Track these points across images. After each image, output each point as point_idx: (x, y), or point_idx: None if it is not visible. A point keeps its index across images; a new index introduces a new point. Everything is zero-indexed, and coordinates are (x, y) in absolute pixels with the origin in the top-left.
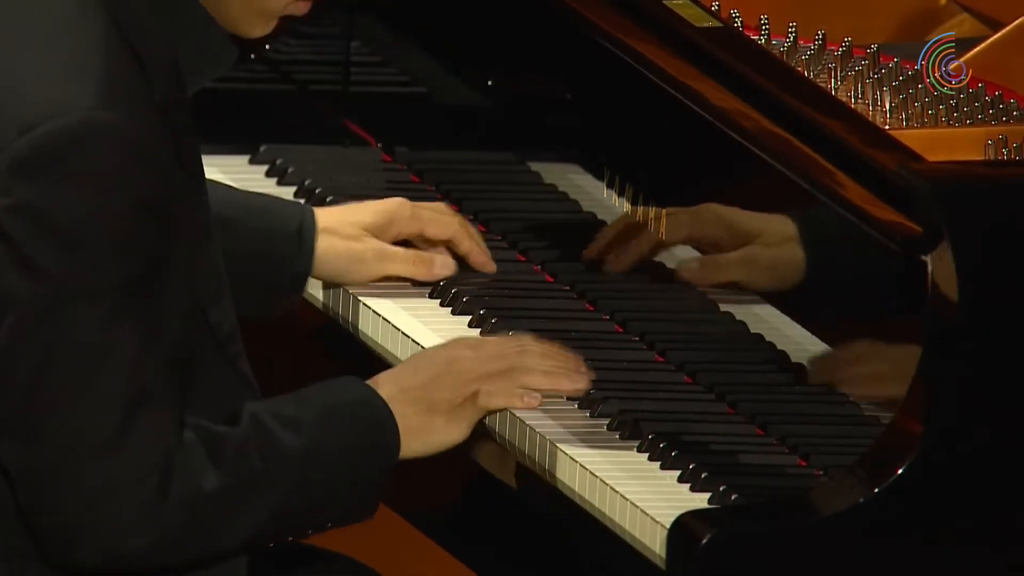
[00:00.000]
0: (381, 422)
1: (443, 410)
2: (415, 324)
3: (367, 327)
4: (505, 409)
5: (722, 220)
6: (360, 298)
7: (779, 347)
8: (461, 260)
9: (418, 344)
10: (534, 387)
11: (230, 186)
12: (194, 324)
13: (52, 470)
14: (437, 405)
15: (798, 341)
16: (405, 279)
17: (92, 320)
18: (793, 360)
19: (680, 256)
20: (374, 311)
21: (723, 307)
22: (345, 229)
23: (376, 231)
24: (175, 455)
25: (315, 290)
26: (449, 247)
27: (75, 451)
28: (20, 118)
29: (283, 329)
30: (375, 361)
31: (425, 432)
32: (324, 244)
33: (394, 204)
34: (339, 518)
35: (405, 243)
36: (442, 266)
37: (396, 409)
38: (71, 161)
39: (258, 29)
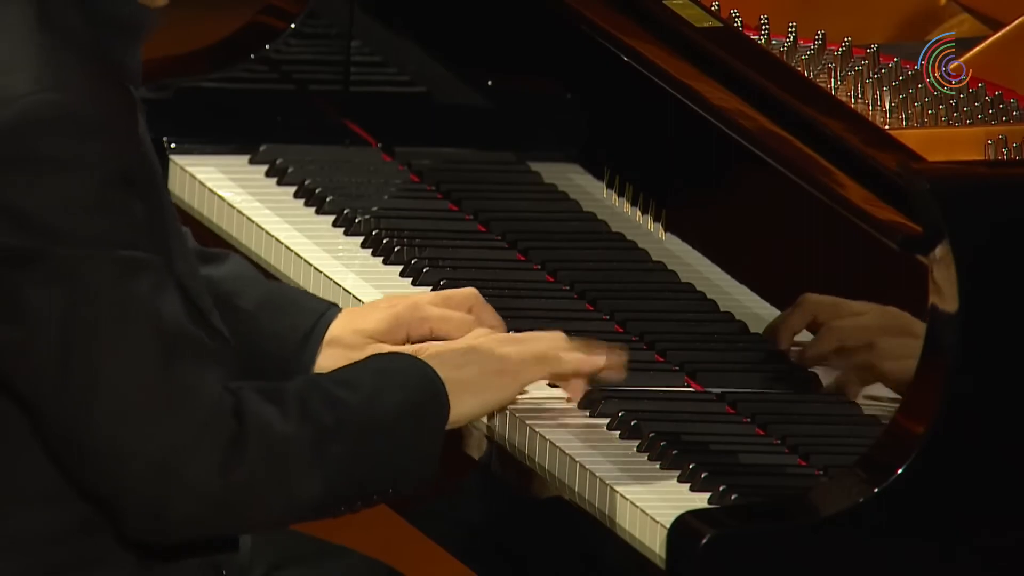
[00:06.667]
0: (430, 379)
1: (494, 368)
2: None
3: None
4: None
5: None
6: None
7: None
8: None
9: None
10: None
11: (258, 276)
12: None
13: (111, 439)
14: (488, 363)
15: (798, 341)
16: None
17: (100, 285)
18: (793, 360)
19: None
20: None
21: (723, 307)
22: (349, 338)
23: (382, 336)
24: (238, 397)
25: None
26: None
27: (129, 413)
28: None
29: None
30: None
31: (479, 388)
32: (325, 355)
33: (403, 308)
34: (401, 480)
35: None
36: None
37: (444, 374)
38: (22, 150)
39: None
